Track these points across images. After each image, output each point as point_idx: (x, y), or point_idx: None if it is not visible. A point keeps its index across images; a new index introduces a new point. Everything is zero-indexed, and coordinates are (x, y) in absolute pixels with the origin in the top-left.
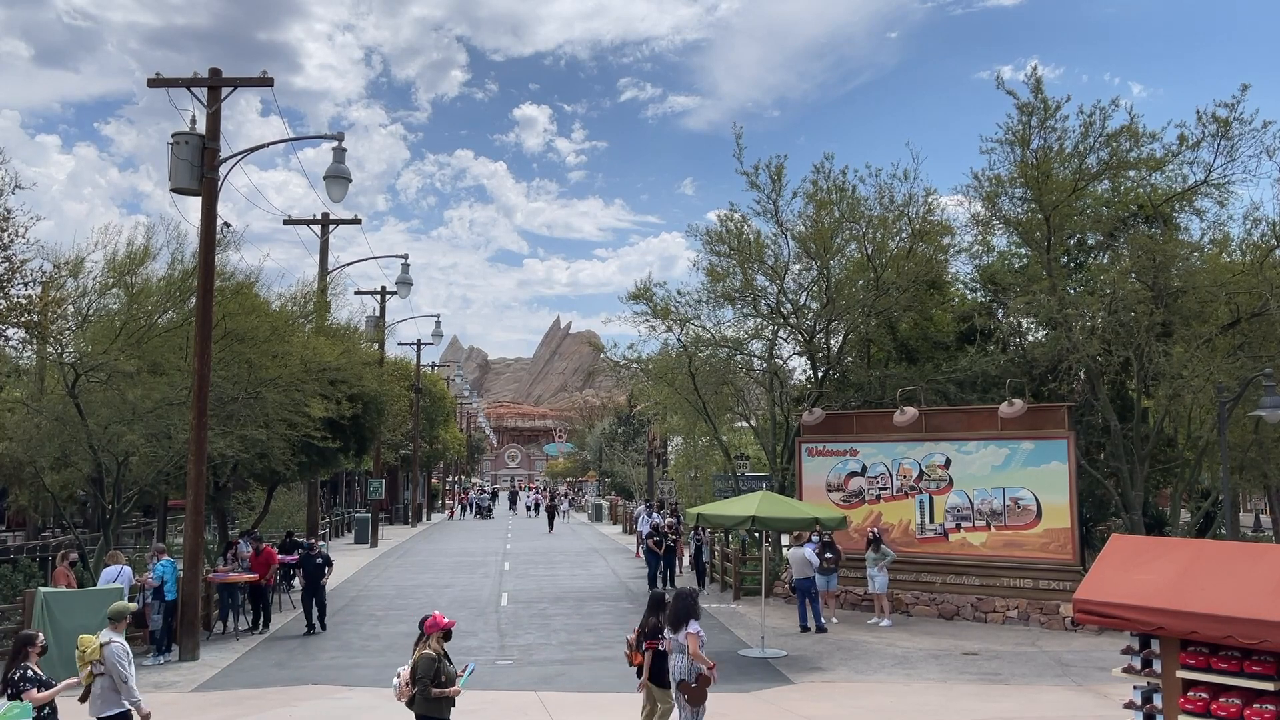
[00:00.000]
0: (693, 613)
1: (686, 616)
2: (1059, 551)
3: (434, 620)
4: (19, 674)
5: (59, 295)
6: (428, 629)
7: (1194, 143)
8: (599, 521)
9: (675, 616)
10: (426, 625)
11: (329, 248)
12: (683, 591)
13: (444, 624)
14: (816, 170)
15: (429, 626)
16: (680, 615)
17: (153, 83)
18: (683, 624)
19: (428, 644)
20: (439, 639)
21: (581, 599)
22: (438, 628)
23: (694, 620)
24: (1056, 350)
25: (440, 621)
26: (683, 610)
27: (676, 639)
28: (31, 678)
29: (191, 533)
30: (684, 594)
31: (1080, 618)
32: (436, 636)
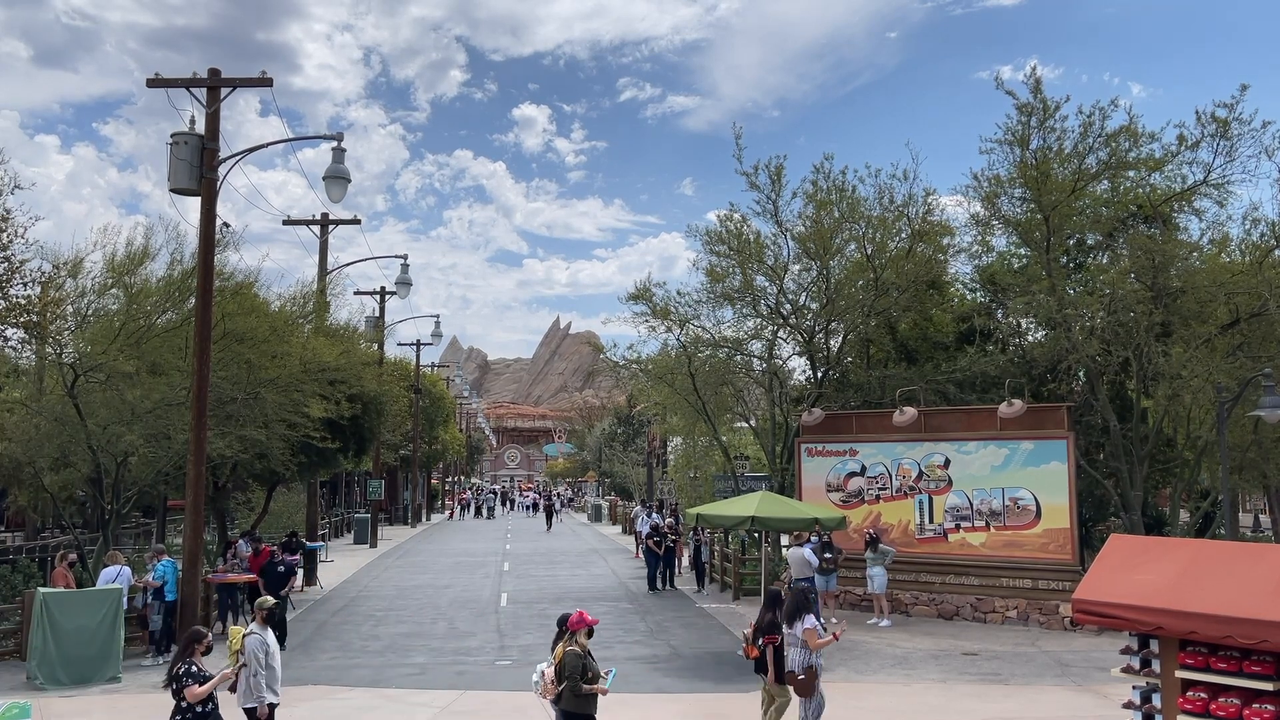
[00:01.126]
0: (807, 608)
1: (801, 611)
2: (1058, 552)
3: (579, 617)
4: (183, 669)
5: (58, 295)
6: (572, 626)
7: (1193, 143)
8: (599, 522)
9: (790, 612)
10: (571, 623)
11: (328, 248)
12: (796, 588)
13: (589, 621)
14: (816, 170)
15: (573, 624)
16: (795, 610)
17: (152, 83)
18: (797, 619)
19: (572, 641)
20: (584, 635)
21: (581, 599)
22: (583, 625)
23: (809, 615)
24: (1056, 350)
25: (585, 619)
26: (797, 606)
27: (792, 633)
28: (195, 673)
29: (191, 533)
30: (799, 591)
31: (1079, 618)
32: (582, 634)
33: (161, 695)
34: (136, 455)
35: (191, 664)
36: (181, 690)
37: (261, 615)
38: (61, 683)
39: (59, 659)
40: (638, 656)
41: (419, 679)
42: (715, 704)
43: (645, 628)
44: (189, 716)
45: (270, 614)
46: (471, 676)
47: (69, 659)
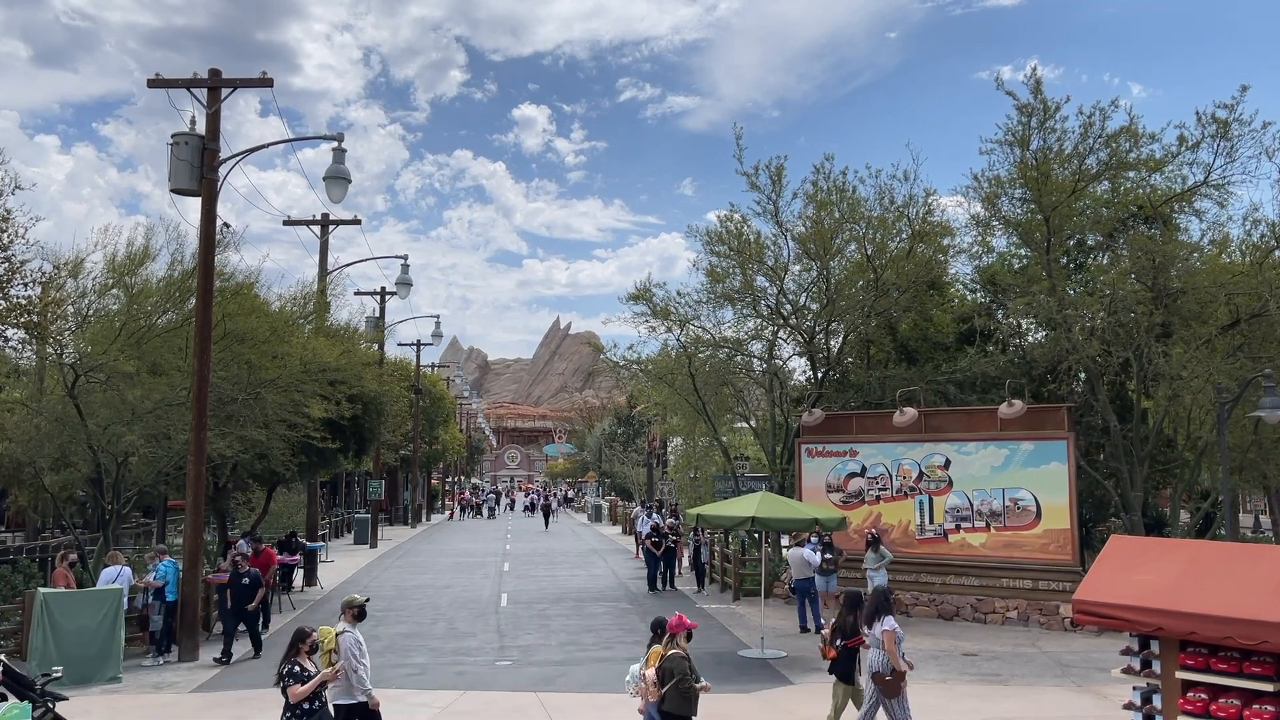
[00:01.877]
0: (887, 609)
1: (881, 612)
2: (1058, 552)
3: (679, 620)
4: (288, 668)
5: (58, 296)
6: (672, 629)
7: (1193, 143)
8: (599, 522)
9: (870, 613)
10: (671, 625)
11: (329, 248)
12: (876, 590)
13: (688, 624)
14: (816, 171)
15: (674, 627)
16: (875, 611)
17: (153, 83)
18: (877, 619)
19: (673, 643)
20: (684, 638)
21: (581, 600)
22: (682, 627)
23: (889, 617)
24: (1056, 351)
25: (685, 622)
26: (877, 607)
27: (873, 634)
28: (297, 673)
29: (191, 533)
30: (879, 592)
31: (1079, 618)
32: (681, 636)
33: (157, 695)
34: (137, 455)
35: (296, 663)
36: (286, 689)
37: (352, 613)
38: (61, 683)
39: (59, 659)
40: (638, 657)
41: (419, 679)
42: (715, 704)
43: (645, 628)
44: (296, 715)
45: (360, 611)
46: (471, 677)
47: (69, 659)
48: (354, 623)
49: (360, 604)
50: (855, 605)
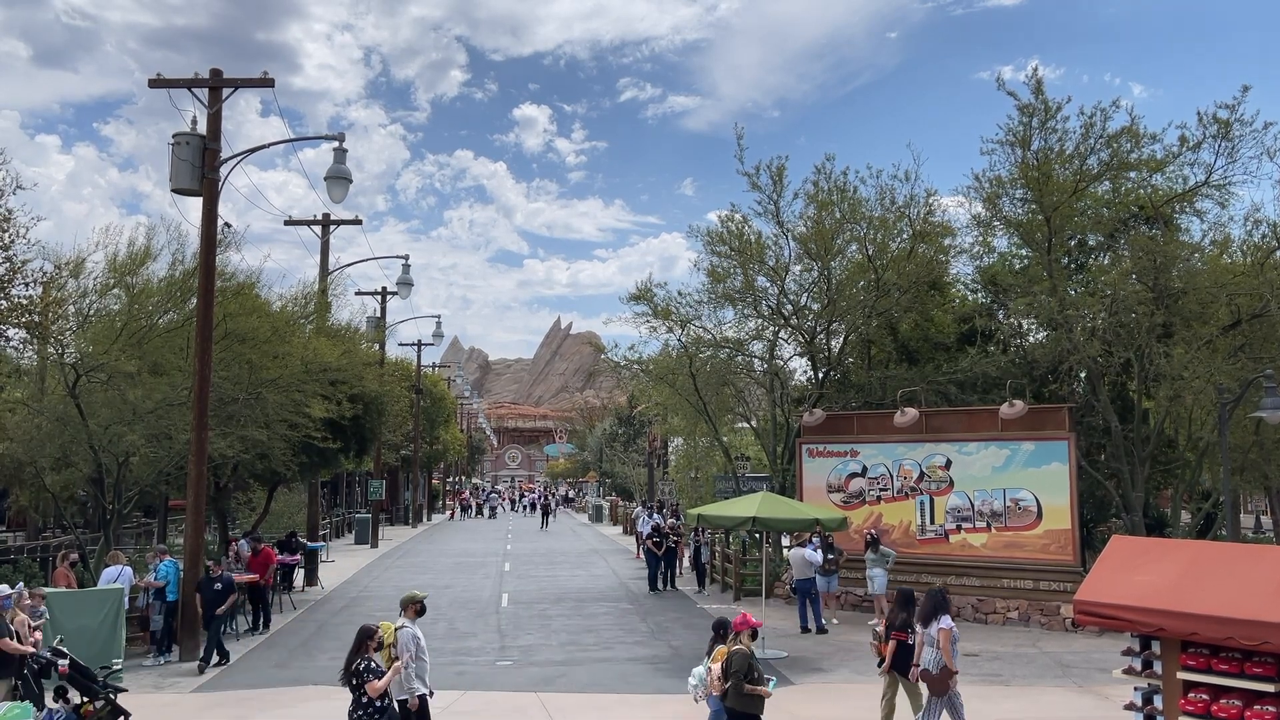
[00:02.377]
0: (945, 608)
1: (937, 612)
2: (1059, 553)
3: (743, 619)
4: (364, 664)
5: (60, 296)
6: (737, 627)
7: (1195, 144)
8: (599, 522)
9: (926, 612)
10: (735, 624)
11: (329, 248)
12: (932, 590)
13: (753, 623)
14: (817, 171)
15: (738, 625)
16: (931, 611)
17: (154, 83)
18: (933, 619)
19: (737, 641)
20: (749, 636)
21: (582, 600)
22: (747, 625)
23: (946, 616)
24: (1057, 351)
25: (749, 620)
26: (933, 607)
27: (928, 632)
28: (374, 669)
29: (192, 533)
30: (934, 592)
31: (1081, 619)
32: (746, 634)
33: (158, 695)
34: (138, 455)
35: (369, 660)
36: (363, 685)
37: (413, 609)
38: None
39: None
40: (638, 657)
41: None
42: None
43: (646, 628)
44: (370, 710)
45: (421, 607)
46: (472, 677)
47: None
48: (414, 618)
49: (420, 600)
50: (908, 602)
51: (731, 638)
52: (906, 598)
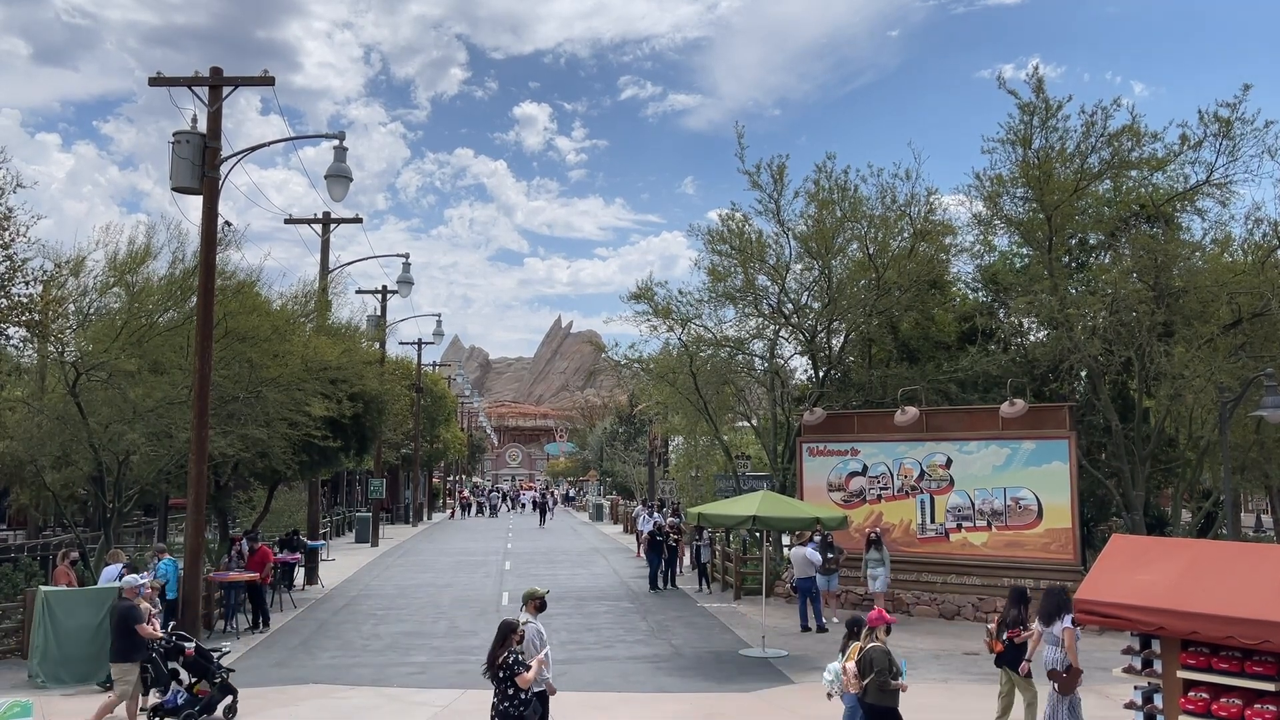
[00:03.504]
0: (1066, 607)
1: (1060, 610)
2: (1060, 551)
3: (878, 614)
4: (511, 658)
5: (60, 294)
6: (872, 623)
7: (1196, 142)
8: (600, 521)
9: (1048, 610)
10: (871, 619)
11: (329, 246)
12: (1053, 588)
13: (887, 619)
14: (818, 170)
15: (873, 620)
16: (1054, 609)
17: (154, 81)
18: (1056, 618)
19: (873, 638)
20: (884, 632)
21: (582, 598)
22: (882, 621)
23: (1069, 614)
24: (1058, 350)
25: (884, 616)
26: (1056, 605)
27: (1051, 631)
28: (522, 661)
29: (192, 532)
30: (1055, 590)
31: (1081, 618)
32: (881, 630)
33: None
34: (138, 454)
35: (515, 653)
36: (512, 678)
37: (534, 604)
38: (63, 681)
39: (61, 657)
40: (639, 656)
41: (420, 678)
42: (716, 703)
43: (647, 627)
44: (518, 701)
45: (541, 603)
46: (473, 676)
47: (71, 657)
48: (535, 614)
49: (541, 596)
50: (1020, 599)
51: (866, 633)
52: (1019, 595)
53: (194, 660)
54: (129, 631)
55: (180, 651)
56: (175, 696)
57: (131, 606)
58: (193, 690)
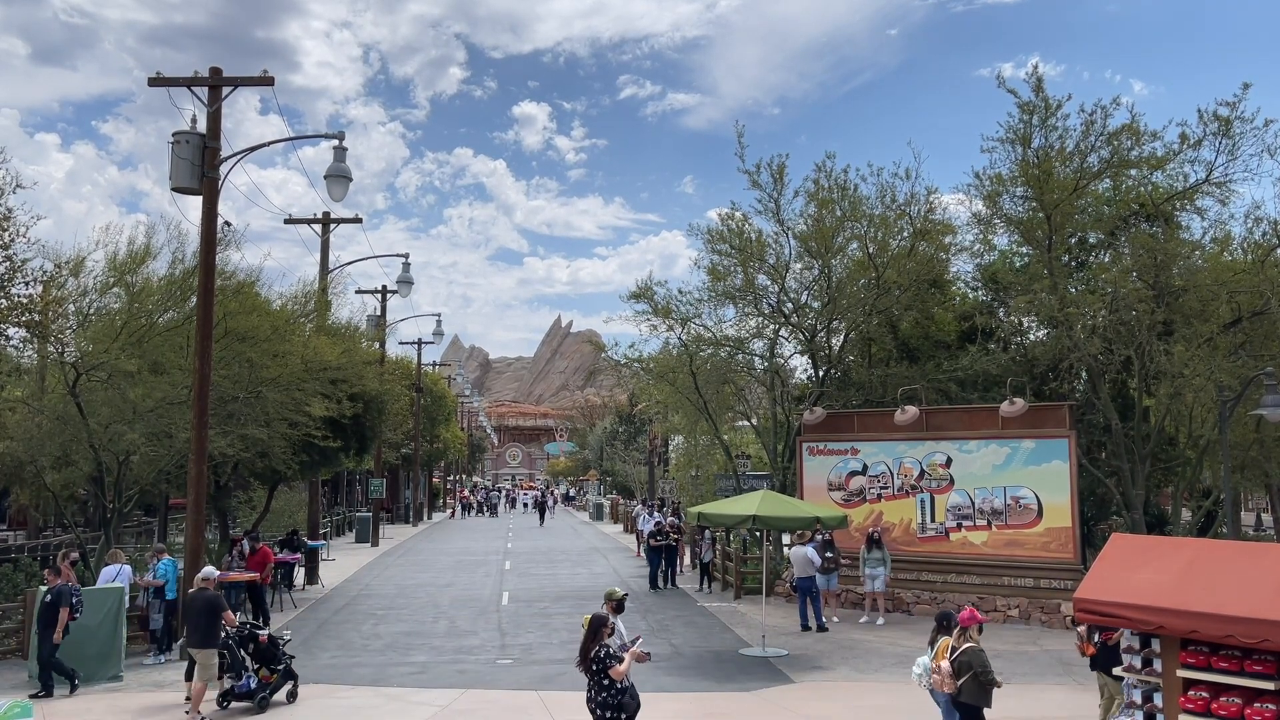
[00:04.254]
0: None
1: None
2: (1060, 550)
3: (970, 614)
4: (603, 651)
5: (60, 294)
6: (964, 622)
7: (1195, 141)
8: (600, 521)
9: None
10: (962, 619)
11: (329, 246)
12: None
13: (979, 618)
14: (818, 169)
15: (965, 620)
16: None
17: (154, 82)
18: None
19: (965, 636)
20: (977, 631)
21: (583, 598)
22: (974, 621)
23: None
24: (1058, 349)
25: (975, 615)
26: None
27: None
28: (614, 655)
29: (192, 532)
30: None
31: (1081, 617)
32: (974, 629)
33: (159, 694)
34: (138, 454)
35: (607, 646)
36: (604, 671)
37: (611, 604)
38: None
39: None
40: None
41: (420, 678)
42: (716, 703)
43: (646, 626)
44: (612, 693)
45: (619, 604)
46: (472, 675)
47: (71, 658)
48: (614, 614)
49: (620, 597)
50: None
51: (958, 633)
52: None
53: (264, 647)
54: (215, 619)
55: (254, 639)
56: (247, 681)
57: (217, 596)
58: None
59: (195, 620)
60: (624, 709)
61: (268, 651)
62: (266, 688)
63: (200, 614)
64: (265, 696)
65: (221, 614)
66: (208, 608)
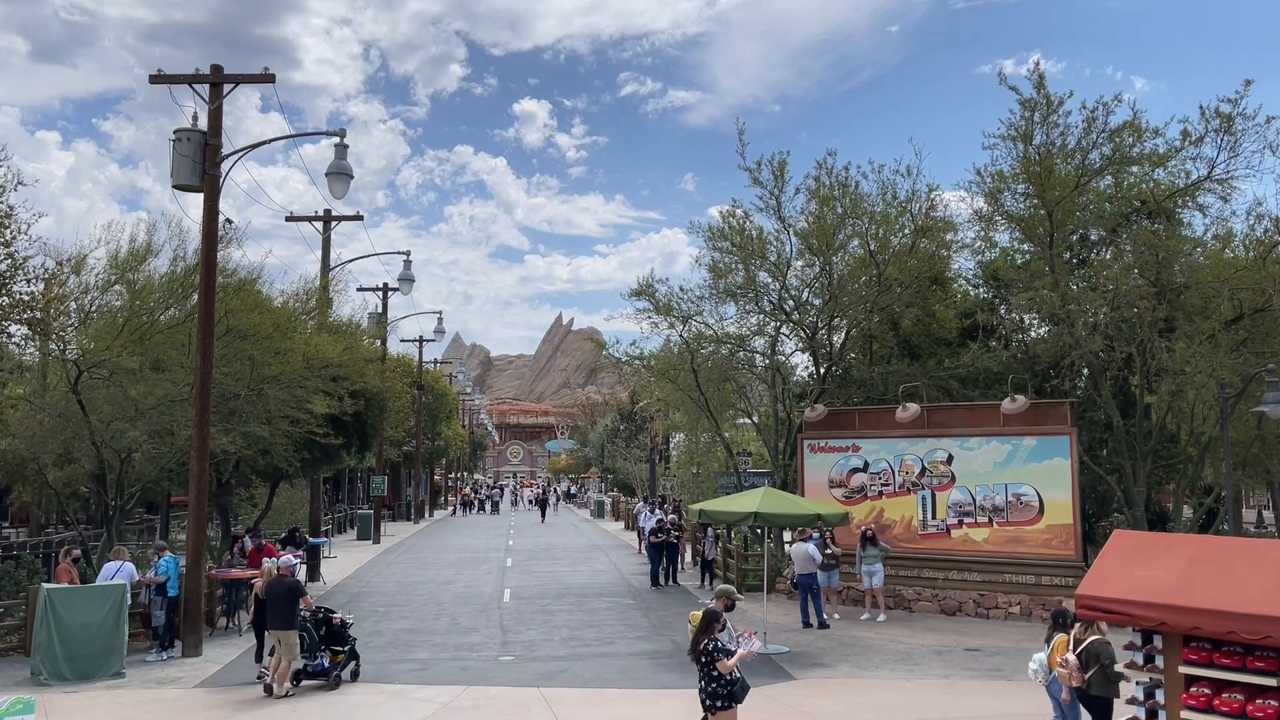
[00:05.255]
0: None
1: None
2: (1061, 548)
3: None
4: (712, 645)
5: (61, 292)
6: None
7: (1197, 138)
8: (601, 518)
9: None
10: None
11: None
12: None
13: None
14: (819, 166)
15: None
16: None
17: (155, 79)
18: None
19: (1095, 629)
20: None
21: (584, 595)
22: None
23: None
24: (1059, 346)
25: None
26: None
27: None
28: (722, 648)
29: (194, 529)
30: None
31: (1083, 613)
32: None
33: (161, 691)
34: (140, 451)
35: (717, 640)
36: (713, 663)
37: (724, 601)
38: (65, 678)
39: (63, 655)
40: (640, 652)
41: (421, 674)
42: None
43: (648, 623)
44: (722, 684)
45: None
46: (474, 672)
47: (73, 655)
48: (725, 610)
49: (734, 596)
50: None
51: (1085, 626)
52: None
53: (336, 630)
54: (295, 604)
55: (328, 622)
56: (321, 661)
57: (297, 583)
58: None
59: (277, 604)
60: (734, 698)
61: (338, 634)
62: (336, 667)
63: (282, 599)
64: (337, 674)
65: (301, 599)
66: (289, 593)
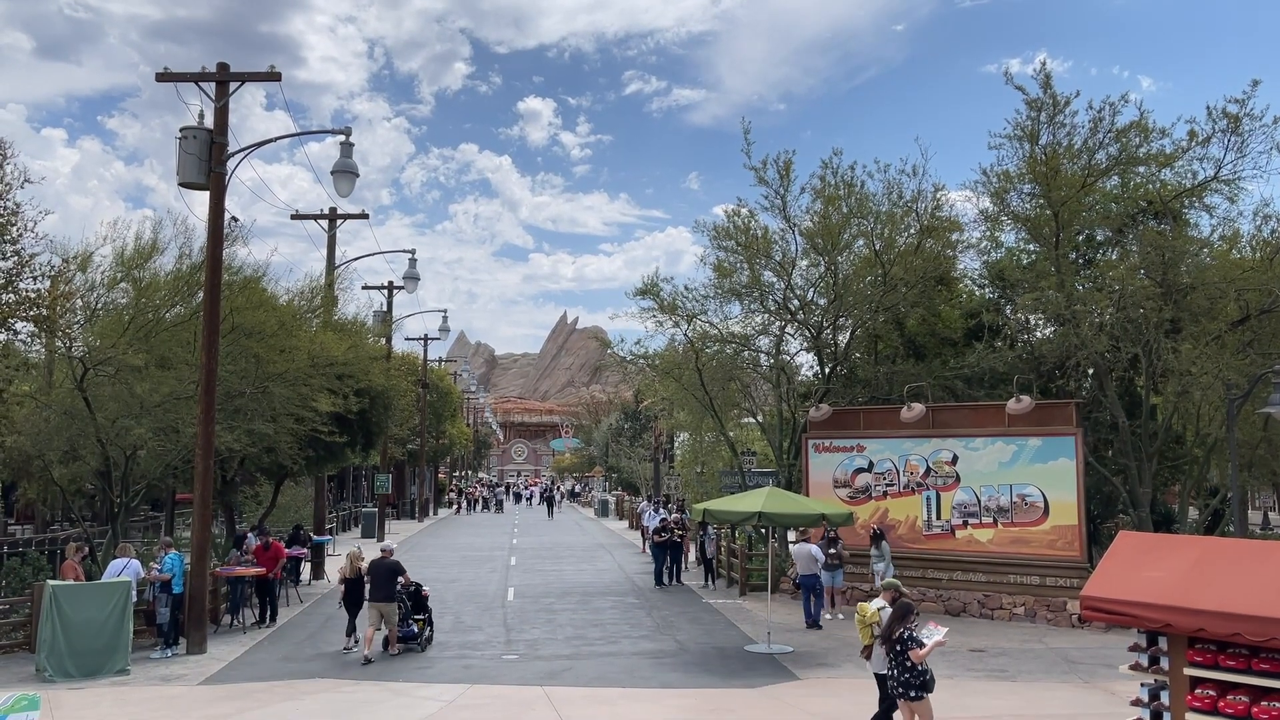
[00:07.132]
0: None
1: None
2: (1066, 548)
3: None
4: (905, 634)
5: (67, 289)
6: None
7: (1204, 139)
8: (605, 517)
9: None
10: None
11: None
12: None
13: None
14: (824, 166)
15: None
16: None
17: (161, 77)
18: None
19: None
20: None
21: (588, 594)
22: None
23: None
24: (1065, 346)
25: None
26: None
27: None
28: (915, 638)
29: (199, 526)
30: None
31: (1087, 615)
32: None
33: (165, 688)
34: (145, 449)
35: (909, 630)
36: (905, 652)
37: (890, 595)
38: (70, 675)
39: (68, 651)
40: (644, 651)
41: (425, 672)
42: (721, 699)
43: (652, 623)
44: (913, 674)
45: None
46: (478, 670)
47: (78, 651)
48: (891, 603)
49: (899, 586)
50: None
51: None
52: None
53: (422, 601)
54: (395, 580)
55: (418, 594)
56: (411, 627)
57: (397, 562)
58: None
59: (379, 580)
60: (926, 687)
61: (422, 604)
62: (422, 633)
63: (384, 575)
64: (427, 639)
65: (401, 576)
66: (390, 571)
